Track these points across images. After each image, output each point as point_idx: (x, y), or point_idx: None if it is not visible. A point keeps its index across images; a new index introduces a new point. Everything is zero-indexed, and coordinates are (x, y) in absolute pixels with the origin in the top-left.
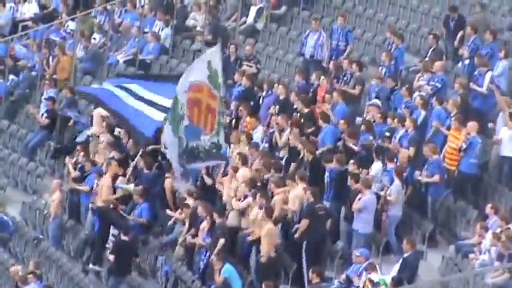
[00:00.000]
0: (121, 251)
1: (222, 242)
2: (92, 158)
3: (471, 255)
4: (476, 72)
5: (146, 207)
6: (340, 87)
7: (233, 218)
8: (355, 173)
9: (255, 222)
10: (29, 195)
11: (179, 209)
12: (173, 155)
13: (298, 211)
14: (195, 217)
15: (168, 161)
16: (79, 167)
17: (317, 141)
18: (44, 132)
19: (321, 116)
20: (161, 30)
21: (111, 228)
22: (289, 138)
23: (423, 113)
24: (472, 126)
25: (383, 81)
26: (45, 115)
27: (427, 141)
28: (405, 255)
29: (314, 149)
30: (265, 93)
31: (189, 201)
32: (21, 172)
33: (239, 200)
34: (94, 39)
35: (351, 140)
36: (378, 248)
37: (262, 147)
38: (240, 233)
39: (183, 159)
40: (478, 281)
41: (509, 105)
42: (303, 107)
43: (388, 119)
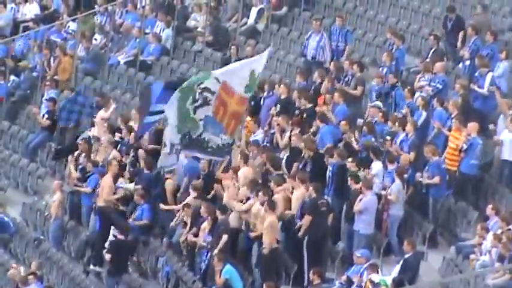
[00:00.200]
0: (117, 250)
1: (225, 238)
2: (93, 158)
3: (472, 256)
4: (477, 73)
5: (147, 208)
6: (342, 87)
7: (234, 219)
8: (355, 173)
9: (257, 217)
10: (29, 196)
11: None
12: (171, 131)
13: (299, 207)
14: (197, 217)
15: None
16: (80, 167)
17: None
18: (44, 133)
19: (319, 116)
20: (162, 31)
21: (112, 228)
22: (291, 139)
23: (424, 114)
24: (472, 127)
25: (384, 80)
26: (46, 116)
27: (428, 142)
28: (406, 256)
29: (314, 146)
30: (266, 94)
31: (190, 200)
32: (22, 173)
33: (241, 201)
34: (95, 40)
35: (352, 139)
36: (379, 248)
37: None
38: (242, 236)
39: (182, 143)
40: (478, 282)
41: (510, 108)
42: (306, 102)
43: (389, 122)
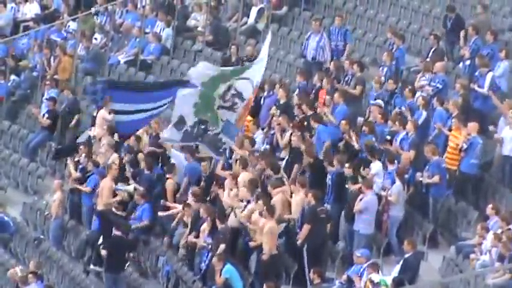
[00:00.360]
0: (114, 246)
1: (222, 247)
2: (94, 158)
3: (472, 256)
4: (477, 73)
5: (147, 208)
6: (342, 87)
7: (234, 219)
8: (352, 175)
9: (256, 225)
10: (29, 195)
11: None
12: (187, 107)
13: (299, 215)
14: (197, 218)
15: (169, 160)
16: (80, 167)
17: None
18: (45, 132)
19: (313, 116)
20: (162, 30)
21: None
22: (292, 140)
23: (424, 113)
24: (472, 126)
25: (382, 87)
26: (46, 115)
27: (429, 142)
28: (406, 255)
29: (314, 153)
30: (266, 94)
31: (190, 201)
32: (22, 173)
33: (241, 200)
34: (95, 39)
35: (353, 138)
36: (379, 248)
37: (263, 149)
38: (241, 237)
39: (195, 129)
40: (478, 282)
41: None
42: (307, 108)
43: (389, 122)
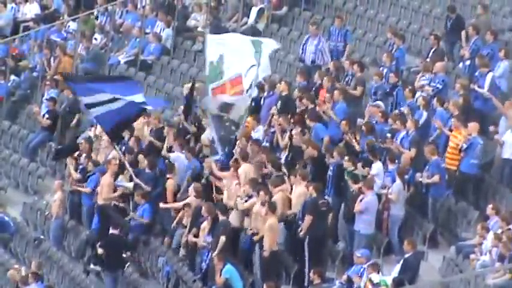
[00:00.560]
0: (111, 245)
1: (222, 239)
2: (94, 158)
3: (472, 256)
4: (477, 73)
5: (148, 208)
6: (342, 86)
7: (234, 218)
8: (354, 172)
9: (257, 217)
10: (30, 195)
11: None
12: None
13: (301, 207)
14: (197, 217)
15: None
16: (81, 168)
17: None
18: (45, 132)
19: (309, 115)
20: (162, 30)
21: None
22: (293, 137)
23: (425, 113)
24: (473, 127)
25: (383, 78)
26: (47, 116)
27: (429, 142)
28: (406, 255)
29: (318, 146)
30: (266, 94)
31: (190, 200)
32: (22, 173)
33: (241, 198)
34: (95, 39)
35: (353, 137)
36: (379, 248)
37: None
38: (243, 235)
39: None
40: (478, 282)
41: None
42: (309, 103)
43: (390, 120)
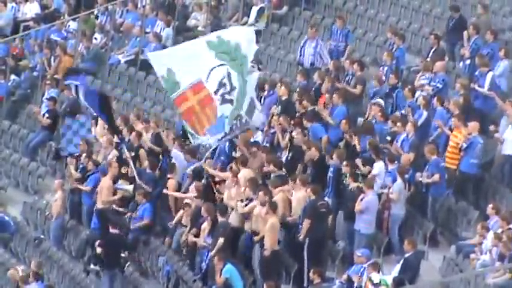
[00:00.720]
0: (109, 244)
1: (221, 241)
2: (94, 158)
3: (472, 256)
4: (477, 73)
5: (148, 207)
6: (342, 85)
7: (234, 218)
8: (353, 172)
9: (258, 219)
10: (30, 195)
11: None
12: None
13: (302, 211)
14: (197, 217)
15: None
16: (81, 167)
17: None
18: (45, 132)
19: (306, 116)
20: (162, 30)
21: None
22: (294, 138)
23: (425, 113)
24: (473, 126)
25: (381, 83)
26: (47, 115)
27: (429, 142)
28: (406, 255)
29: (319, 147)
30: (266, 94)
31: (190, 201)
32: (22, 172)
33: (241, 201)
34: (95, 39)
35: (354, 138)
36: (379, 248)
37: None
38: (243, 235)
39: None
40: (479, 282)
41: None
42: (309, 104)
43: (390, 122)
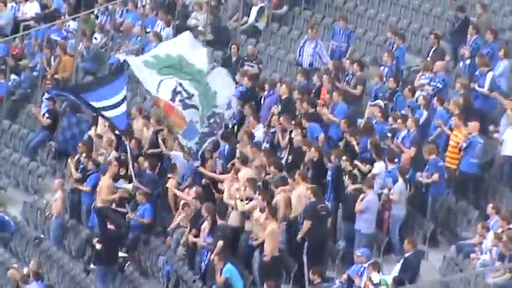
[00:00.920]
0: (107, 240)
1: (220, 244)
2: (95, 158)
3: (472, 255)
4: (477, 72)
5: (149, 207)
6: (342, 85)
7: (235, 218)
8: (352, 172)
9: (258, 223)
10: (30, 195)
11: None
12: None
13: (302, 211)
14: (197, 217)
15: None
16: (81, 167)
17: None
18: (45, 132)
19: (304, 115)
20: (163, 30)
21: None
22: (294, 139)
23: (425, 113)
24: (473, 126)
25: (383, 80)
26: (47, 115)
27: (429, 142)
28: (406, 255)
29: (320, 148)
30: (266, 93)
31: (190, 201)
32: (22, 172)
33: (242, 200)
34: (95, 39)
35: (353, 138)
36: (379, 248)
37: (263, 148)
38: (243, 235)
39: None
40: (479, 281)
41: None
42: (309, 107)
43: (390, 119)
